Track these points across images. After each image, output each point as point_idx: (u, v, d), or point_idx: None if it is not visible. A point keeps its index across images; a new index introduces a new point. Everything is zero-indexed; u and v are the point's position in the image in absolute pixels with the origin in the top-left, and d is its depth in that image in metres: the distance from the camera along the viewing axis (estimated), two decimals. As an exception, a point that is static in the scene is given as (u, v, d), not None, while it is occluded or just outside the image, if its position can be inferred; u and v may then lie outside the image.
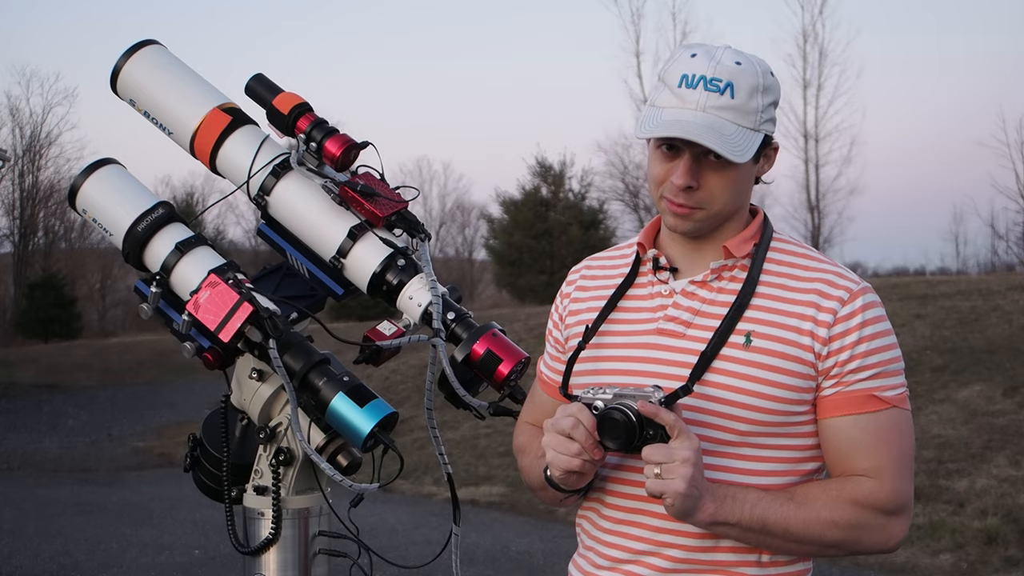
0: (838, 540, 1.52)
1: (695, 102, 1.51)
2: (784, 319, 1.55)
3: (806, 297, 1.56)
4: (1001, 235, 32.43)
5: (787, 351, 1.54)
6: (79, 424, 14.60)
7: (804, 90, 31.50)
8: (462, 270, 41.81)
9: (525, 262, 28.37)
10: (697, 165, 1.54)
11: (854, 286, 1.56)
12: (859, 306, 1.54)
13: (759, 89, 1.53)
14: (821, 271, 1.59)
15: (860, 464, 1.53)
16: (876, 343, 1.54)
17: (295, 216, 2.13)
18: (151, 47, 2.25)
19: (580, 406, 1.51)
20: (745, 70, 1.53)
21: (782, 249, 1.64)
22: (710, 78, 1.52)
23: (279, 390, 2.05)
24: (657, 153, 1.58)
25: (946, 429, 8.19)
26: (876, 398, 1.53)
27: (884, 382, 1.54)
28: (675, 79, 1.55)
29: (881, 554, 1.61)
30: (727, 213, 1.60)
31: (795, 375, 1.54)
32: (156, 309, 2.09)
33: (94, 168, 2.20)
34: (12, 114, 34.67)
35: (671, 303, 1.63)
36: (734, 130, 1.51)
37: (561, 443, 1.51)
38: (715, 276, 1.62)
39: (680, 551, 1.56)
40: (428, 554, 2.12)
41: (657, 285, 1.66)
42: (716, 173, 1.54)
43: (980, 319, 11.56)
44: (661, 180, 1.58)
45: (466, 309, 2.07)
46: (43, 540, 7.36)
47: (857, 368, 1.53)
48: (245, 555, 2.08)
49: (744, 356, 1.54)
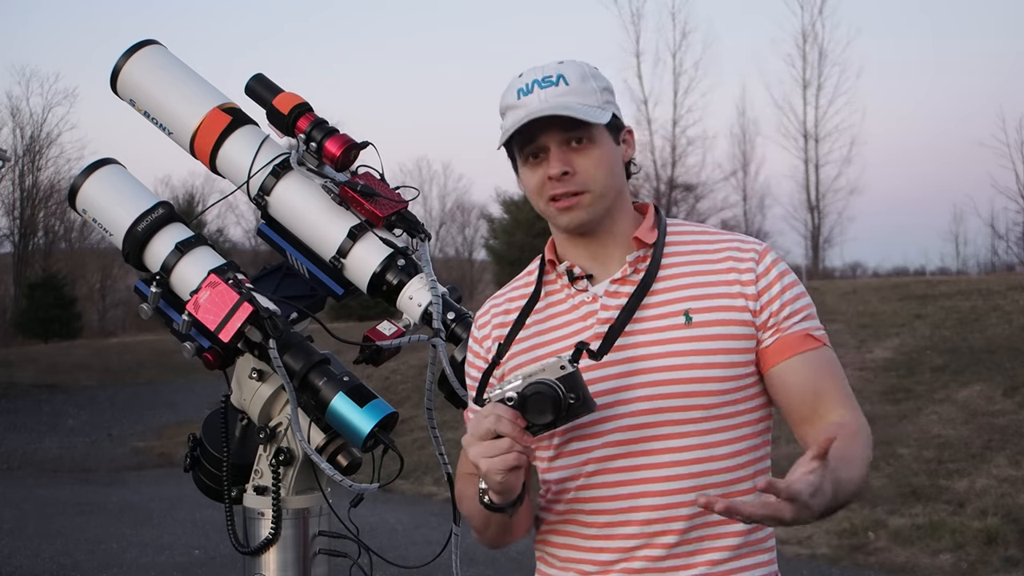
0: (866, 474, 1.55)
1: (536, 99, 1.62)
2: (713, 289, 1.62)
3: (723, 265, 1.64)
4: (1001, 235, 32.43)
5: (727, 317, 1.60)
6: (79, 424, 14.60)
7: (804, 90, 31.59)
8: (462, 270, 41.78)
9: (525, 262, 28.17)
10: (564, 154, 1.61)
11: (758, 247, 1.66)
12: (770, 261, 1.64)
13: (588, 75, 1.64)
14: (724, 241, 1.68)
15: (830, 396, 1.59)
16: (795, 290, 1.63)
17: (295, 216, 2.12)
18: (151, 47, 2.25)
19: (493, 404, 1.50)
20: (569, 64, 1.65)
21: (680, 231, 1.71)
22: (541, 78, 1.63)
23: (279, 390, 2.05)
24: (525, 168, 1.66)
25: (946, 429, 8.19)
26: (812, 337, 1.61)
27: (812, 323, 1.63)
28: (512, 97, 1.65)
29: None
30: (609, 195, 1.65)
31: (740, 338, 1.60)
32: (156, 309, 2.09)
33: (94, 168, 2.20)
34: (12, 114, 34.72)
35: (599, 306, 1.65)
36: (579, 106, 1.60)
37: (490, 446, 1.48)
38: (633, 269, 1.66)
39: (673, 536, 1.58)
40: (428, 554, 2.12)
41: (577, 296, 1.68)
42: (583, 155, 1.62)
43: (980, 319, 11.56)
44: (540, 187, 1.64)
45: (466, 309, 2.08)
46: (43, 540, 7.36)
47: (790, 313, 1.61)
48: (245, 555, 2.08)
49: (689, 334, 1.59)
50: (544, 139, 1.61)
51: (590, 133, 1.61)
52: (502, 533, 1.67)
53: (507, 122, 1.65)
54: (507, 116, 1.65)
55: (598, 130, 1.62)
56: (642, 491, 1.59)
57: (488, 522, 1.63)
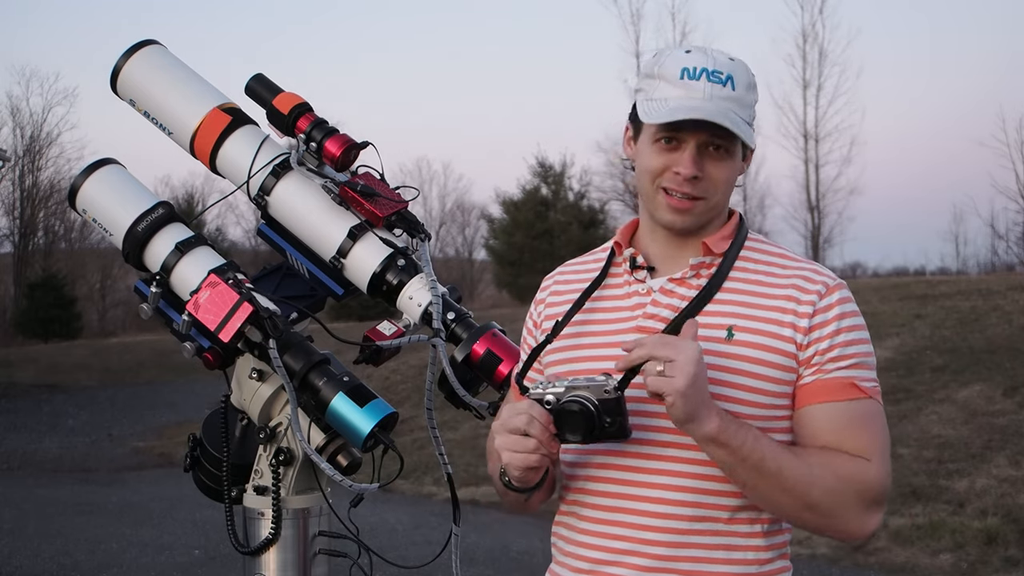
0: (818, 502, 1.49)
1: (701, 91, 1.54)
2: (764, 312, 1.57)
3: (784, 292, 1.58)
4: (1001, 235, 32.41)
5: (769, 343, 1.55)
6: (79, 424, 14.60)
7: (804, 90, 31.49)
8: (462, 270, 41.78)
9: (525, 262, 28.35)
10: (700, 157, 1.57)
11: (831, 281, 1.59)
12: (836, 299, 1.57)
13: (752, 85, 1.60)
14: (798, 268, 1.62)
15: (847, 448, 1.53)
16: (854, 335, 1.56)
17: (295, 216, 2.12)
18: (151, 47, 2.25)
19: (531, 402, 1.50)
20: (739, 66, 1.59)
21: (757, 248, 1.66)
22: (712, 70, 1.56)
23: (279, 390, 2.05)
24: (655, 147, 1.59)
25: (946, 429, 8.19)
26: (856, 387, 1.54)
27: (862, 373, 1.55)
28: (674, 72, 1.57)
29: (848, 540, 1.60)
30: (721, 207, 1.63)
31: (777, 367, 1.55)
32: (156, 309, 2.09)
33: (94, 168, 2.20)
34: (12, 114, 34.71)
35: (649, 301, 1.64)
36: (739, 120, 1.55)
37: (516, 442, 1.50)
38: (693, 273, 1.63)
39: (662, 548, 1.56)
40: (428, 554, 2.12)
41: (634, 284, 1.67)
42: (717, 164, 1.57)
43: (980, 319, 11.56)
44: (659, 172, 1.59)
45: (466, 309, 2.08)
46: (43, 540, 7.36)
47: (837, 356, 1.54)
48: (245, 555, 2.08)
49: (726, 350, 1.55)
50: (690, 134, 1.56)
51: (732, 145, 1.57)
52: (520, 506, 1.69)
53: (658, 92, 1.57)
54: (660, 87, 1.58)
55: (738, 144, 1.58)
56: (639, 495, 1.58)
57: (506, 492, 1.64)
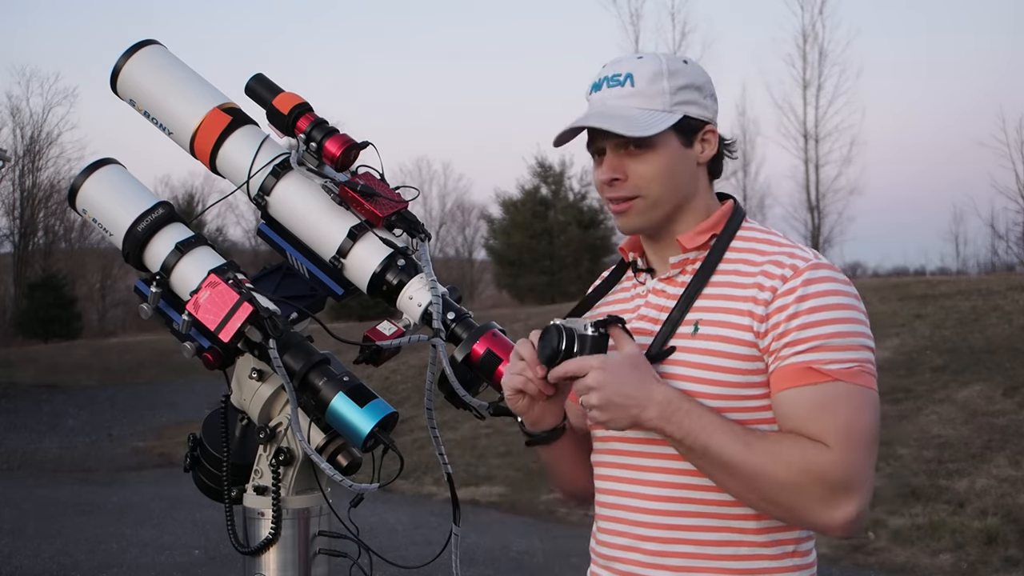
0: (776, 498, 1.48)
1: (597, 100, 1.63)
2: (729, 303, 1.57)
3: (753, 280, 1.56)
4: (1001, 235, 32.40)
5: (729, 334, 1.55)
6: (79, 424, 14.60)
7: (804, 90, 31.50)
8: (462, 270, 41.78)
9: (525, 262, 28.38)
10: (618, 158, 1.61)
11: (801, 264, 1.54)
12: (800, 282, 1.51)
13: (663, 74, 1.61)
14: (774, 254, 1.58)
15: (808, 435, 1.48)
16: (816, 316, 1.50)
17: (295, 216, 2.12)
18: (151, 47, 2.25)
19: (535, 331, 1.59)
20: (646, 61, 1.63)
21: (747, 237, 1.64)
22: (611, 75, 1.63)
23: (279, 390, 2.05)
24: (595, 164, 1.67)
25: (946, 429, 8.19)
26: (814, 371, 1.48)
27: (825, 355, 1.49)
28: (588, 89, 1.66)
29: (825, 534, 1.53)
30: (667, 201, 1.62)
31: (739, 358, 1.54)
32: (156, 309, 2.09)
33: (94, 168, 2.19)
34: (12, 114, 34.75)
35: (644, 302, 1.68)
36: (637, 112, 1.58)
37: (512, 363, 1.60)
38: (679, 271, 1.65)
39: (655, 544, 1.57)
40: (428, 554, 2.12)
41: (637, 287, 1.73)
42: (637, 160, 1.60)
43: (980, 319, 11.56)
44: (600, 186, 1.66)
45: (466, 309, 2.07)
46: (43, 540, 7.36)
47: (793, 341, 1.50)
48: (245, 555, 2.08)
49: (691, 344, 1.57)
50: (601, 142, 1.62)
51: (648, 138, 1.58)
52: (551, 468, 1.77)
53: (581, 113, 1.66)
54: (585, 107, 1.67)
55: (659, 135, 1.58)
56: (632, 491, 1.61)
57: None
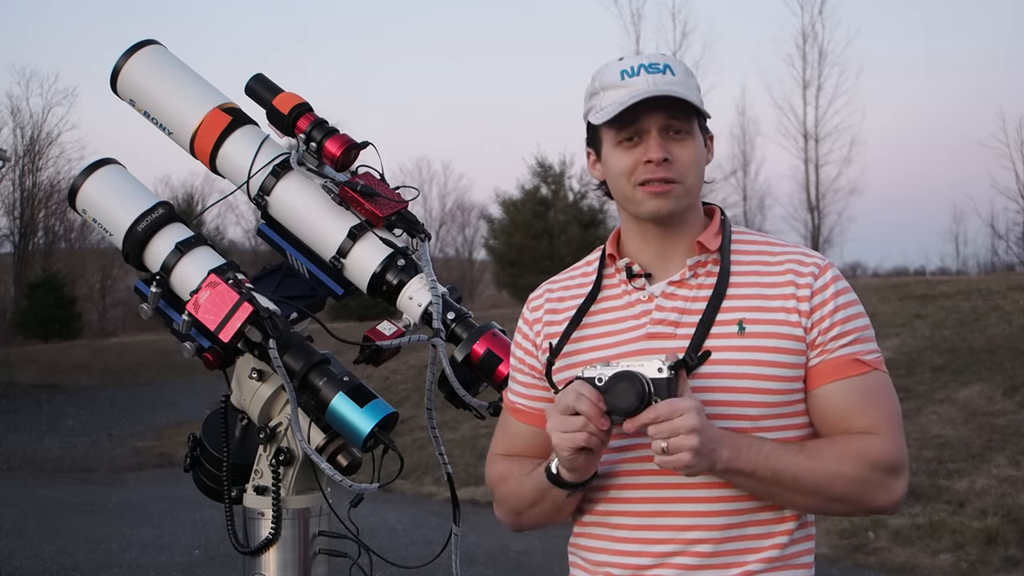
0: (845, 494, 1.56)
1: (644, 81, 1.59)
2: (769, 302, 1.61)
3: (783, 278, 1.62)
4: (1001, 235, 32.33)
5: (779, 331, 1.59)
6: (79, 424, 14.59)
7: (804, 90, 31.45)
8: (462, 270, 41.76)
9: (525, 262, 28.33)
10: (664, 141, 1.60)
11: (821, 262, 1.64)
12: (830, 277, 1.61)
13: (689, 72, 1.64)
14: (787, 253, 1.66)
15: (857, 424, 1.58)
16: (851, 311, 1.61)
17: (295, 216, 2.12)
18: (151, 47, 2.25)
19: (581, 381, 1.49)
20: (670, 57, 1.65)
21: (744, 240, 1.70)
22: (648, 64, 1.61)
23: (279, 390, 2.05)
24: (619, 149, 1.62)
25: (946, 429, 8.19)
26: (859, 362, 1.59)
27: (863, 347, 1.60)
28: (614, 78, 1.62)
29: (881, 515, 1.65)
30: (695, 192, 1.66)
31: (789, 352, 1.59)
32: (156, 309, 2.09)
33: (94, 168, 2.20)
34: (12, 114, 34.70)
35: (654, 307, 1.65)
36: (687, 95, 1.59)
37: (564, 420, 1.48)
38: (692, 273, 1.65)
39: (709, 545, 1.57)
40: (428, 554, 2.12)
41: (634, 293, 1.67)
42: (682, 145, 1.61)
43: (980, 319, 11.56)
44: (631, 170, 1.61)
45: (466, 309, 2.08)
46: (43, 540, 7.36)
47: (838, 335, 1.59)
48: (245, 555, 2.08)
49: (740, 343, 1.58)
50: (647, 122, 1.59)
51: (690, 126, 1.61)
52: (553, 512, 1.65)
53: (605, 100, 1.62)
54: (605, 95, 1.62)
55: (695, 125, 1.62)
56: (679, 496, 1.58)
57: (542, 498, 1.62)
